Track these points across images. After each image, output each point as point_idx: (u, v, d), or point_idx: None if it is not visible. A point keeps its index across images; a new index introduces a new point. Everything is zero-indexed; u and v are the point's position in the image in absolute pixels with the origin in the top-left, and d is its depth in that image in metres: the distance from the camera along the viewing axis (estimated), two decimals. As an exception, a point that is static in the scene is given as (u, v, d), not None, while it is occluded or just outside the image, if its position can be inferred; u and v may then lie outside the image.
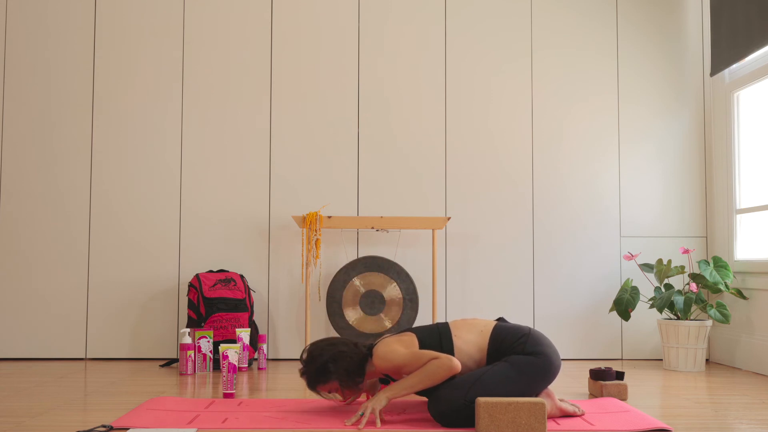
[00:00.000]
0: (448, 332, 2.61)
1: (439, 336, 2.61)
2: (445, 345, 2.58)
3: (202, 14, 4.33)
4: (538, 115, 4.36)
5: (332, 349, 2.58)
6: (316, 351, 2.60)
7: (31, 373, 3.66)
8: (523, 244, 4.30)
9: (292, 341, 4.22)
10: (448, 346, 2.58)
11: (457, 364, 2.46)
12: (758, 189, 4.01)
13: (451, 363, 2.45)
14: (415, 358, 2.51)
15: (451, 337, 2.60)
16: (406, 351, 2.55)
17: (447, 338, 2.60)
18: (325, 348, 2.59)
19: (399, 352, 2.54)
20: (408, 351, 2.54)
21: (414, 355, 2.51)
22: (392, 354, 2.55)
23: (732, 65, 4.05)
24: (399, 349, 2.56)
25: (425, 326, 2.69)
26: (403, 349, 2.56)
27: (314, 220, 4.02)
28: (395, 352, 2.55)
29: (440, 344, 2.59)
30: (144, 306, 4.21)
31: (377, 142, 4.31)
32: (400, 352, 2.55)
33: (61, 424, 2.45)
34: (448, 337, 2.60)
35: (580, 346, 4.27)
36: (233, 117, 4.30)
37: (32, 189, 4.24)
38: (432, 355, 2.49)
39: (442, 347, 2.58)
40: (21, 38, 4.29)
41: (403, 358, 2.52)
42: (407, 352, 2.54)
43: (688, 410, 2.79)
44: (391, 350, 2.56)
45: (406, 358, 2.52)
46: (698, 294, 3.87)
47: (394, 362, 2.53)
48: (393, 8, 4.37)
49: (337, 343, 2.61)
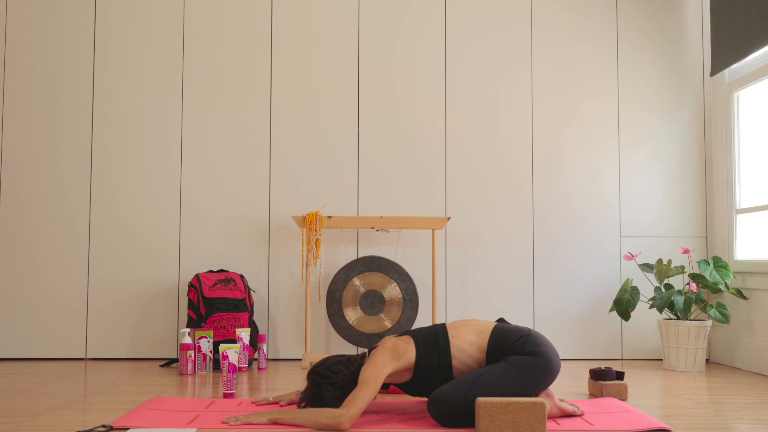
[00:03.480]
0: (445, 334, 2.61)
1: (435, 339, 2.60)
2: (441, 348, 2.57)
3: (202, 14, 4.33)
4: (538, 114, 4.36)
5: (325, 376, 2.53)
6: (313, 379, 2.55)
7: (31, 373, 3.66)
8: (523, 244, 4.30)
9: (292, 341, 4.22)
10: (444, 349, 2.57)
11: (345, 429, 2.37)
12: (758, 189, 4.01)
13: (340, 423, 2.34)
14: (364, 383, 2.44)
15: (447, 339, 2.59)
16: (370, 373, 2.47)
17: (444, 340, 2.59)
18: (321, 373, 2.54)
19: (367, 369, 2.48)
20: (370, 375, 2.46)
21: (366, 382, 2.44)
22: (366, 369, 2.49)
23: (732, 65, 4.05)
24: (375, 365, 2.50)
25: (424, 329, 2.67)
26: (372, 370, 2.48)
27: (314, 220, 4.02)
28: (367, 368, 2.49)
29: (437, 347, 2.57)
30: (144, 306, 4.21)
31: (377, 142, 4.31)
32: (368, 370, 2.48)
33: (61, 424, 2.45)
34: (444, 339, 2.59)
35: (580, 346, 4.27)
36: (233, 117, 4.30)
37: (32, 189, 4.24)
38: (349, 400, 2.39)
39: (439, 350, 2.57)
40: (21, 38, 4.29)
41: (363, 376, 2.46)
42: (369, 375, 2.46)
43: (688, 410, 2.79)
44: (369, 364, 2.51)
45: (363, 377, 2.46)
46: (698, 294, 3.87)
47: (362, 374, 2.48)
48: (393, 8, 4.37)
49: (331, 364, 2.56)
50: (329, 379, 2.52)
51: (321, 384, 2.52)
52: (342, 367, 2.55)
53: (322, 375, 2.54)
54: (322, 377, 2.53)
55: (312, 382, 2.55)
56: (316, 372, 2.56)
